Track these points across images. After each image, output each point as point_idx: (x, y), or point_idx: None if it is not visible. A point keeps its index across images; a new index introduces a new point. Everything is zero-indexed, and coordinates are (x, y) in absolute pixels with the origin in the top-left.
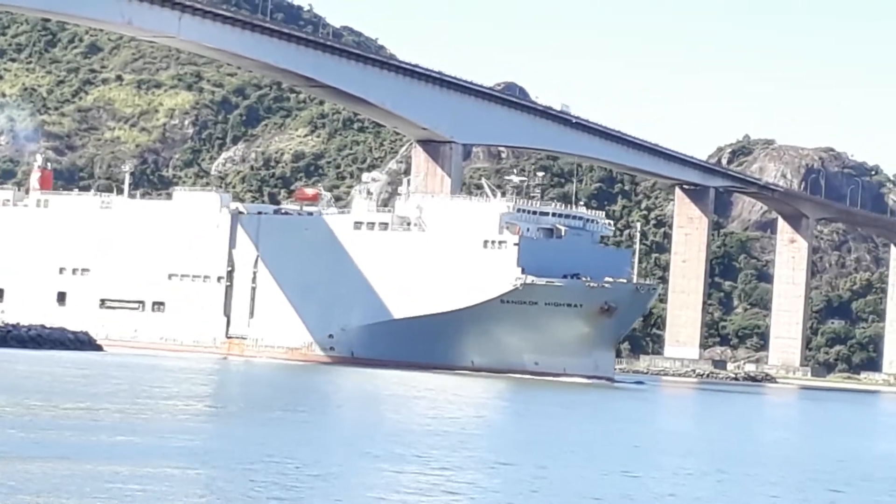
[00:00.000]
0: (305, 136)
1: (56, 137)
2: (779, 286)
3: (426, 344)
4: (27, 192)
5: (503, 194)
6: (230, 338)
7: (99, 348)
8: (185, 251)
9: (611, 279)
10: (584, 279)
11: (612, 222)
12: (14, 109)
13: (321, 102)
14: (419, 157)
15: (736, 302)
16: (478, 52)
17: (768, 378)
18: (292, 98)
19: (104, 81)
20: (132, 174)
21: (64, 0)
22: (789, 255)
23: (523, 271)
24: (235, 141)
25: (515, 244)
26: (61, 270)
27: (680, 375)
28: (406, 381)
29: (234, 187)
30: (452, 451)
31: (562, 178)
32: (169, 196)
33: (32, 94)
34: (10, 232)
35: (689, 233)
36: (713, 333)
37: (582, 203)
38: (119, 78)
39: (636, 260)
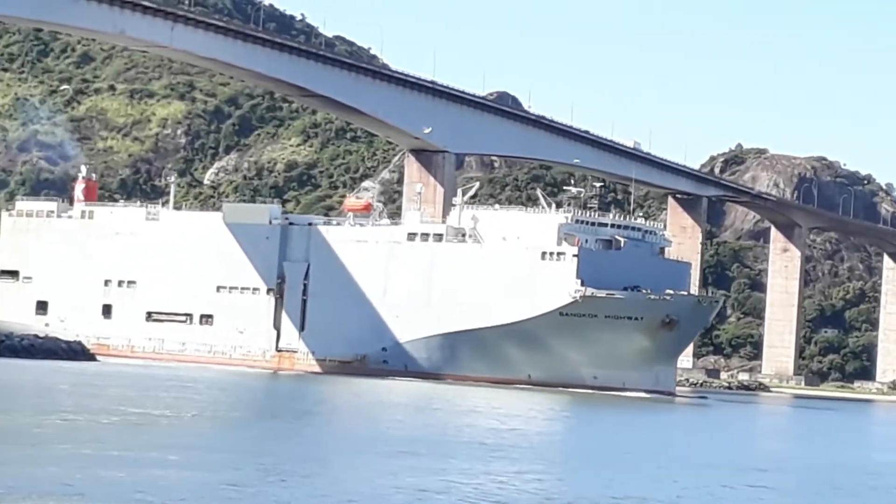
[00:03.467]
0: (298, 145)
1: (48, 147)
2: (772, 295)
3: (481, 357)
4: (71, 203)
5: (557, 206)
6: (280, 351)
7: (92, 358)
8: (234, 263)
9: (671, 291)
10: (644, 291)
11: (671, 234)
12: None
13: (314, 112)
14: (412, 166)
15: (729, 311)
16: (470, 62)
17: (762, 387)
18: (285, 108)
19: (97, 91)
20: (124, 182)
21: (56, 10)
22: (782, 265)
23: (582, 283)
24: (228, 150)
25: (574, 256)
26: (107, 283)
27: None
28: (463, 395)
29: (226, 197)
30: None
31: (554, 188)
32: (217, 208)
33: (24, 103)
34: (54, 244)
35: (682, 242)
36: (706, 342)
37: (641, 214)
38: (112, 88)
39: (698, 272)
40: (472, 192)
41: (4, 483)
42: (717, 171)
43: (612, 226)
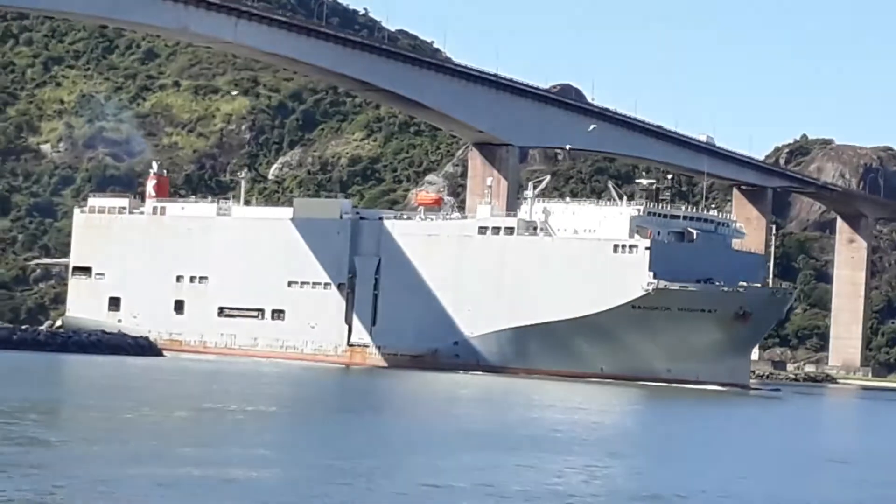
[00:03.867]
0: (362, 140)
1: (114, 143)
2: (838, 286)
3: (553, 351)
4: (143, 199)
5: (630, 198)
6: (352, 346)
7: (159, 353)
8: (305, 258)
9: (745, 283)
10: (717, 284)
11: (743, 225)
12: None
13: (377, 106)
14: (475, 160)
15: (795, 303)
16: (533, 55)
17: (829, 379)
18: (348, 102)
19: (161, 87)
20: (189, 178)
21: (121, 7)
22: (848, 255)
23: (655, 276)
24: (292, 146)
25: (647, 248)
26: (178, 279)
27: None
28: (536, 389)
29: (290, 192)
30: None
31: (618, 180)
32: (289, 203)
33: (90, 100)
34: (126, 240)
35: (748, 234)
36: (773, 334)
37: (713, 206)
38: (176, 84)
39: (771, 264)
40: (542, 186)
41: (94, 481)
42: (782, 162)
43: (685, 218)
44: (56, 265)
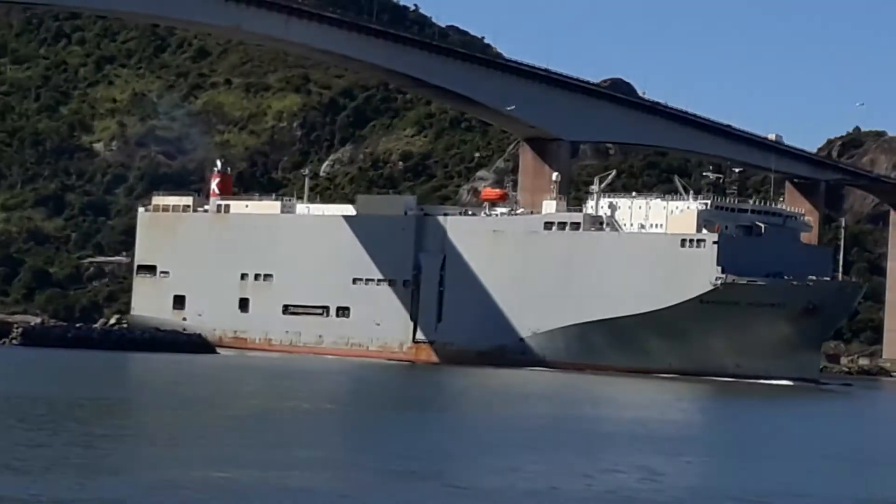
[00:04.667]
0: (413, 136)
1: (166, 142)
2: (892, 279)
3: (620, 347)
4: (207, 197)
5: (697, 192)
6: (417, 342)
7: (213, 350)
8: (370, 255)
9: (814, 278)
10: (786, 278)
11: (812, 219)
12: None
13: (428, 103)
14: (526, 155)
15: None
16: (583, 49)
17: (882, 372)
18: (399, 99)
19: (213, 85)
20: (241, 175)
21: (173, 5)
22: None
23: (723, 270)
24: (343, 142)
25: (715, 242)
26: (243, 276)
27: None
28: (604, 385)
29: (342, 189)
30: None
31: (670, 174)
32: (346, 200)
33: (142, 99)
34: (190, 238)
35: None
36: None
37: (781, 200)
38: (228, 82)
39: (840, 257)
40: (608, 181)
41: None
42: (834, 154)
43: (753, 211)
44: (109, 263)
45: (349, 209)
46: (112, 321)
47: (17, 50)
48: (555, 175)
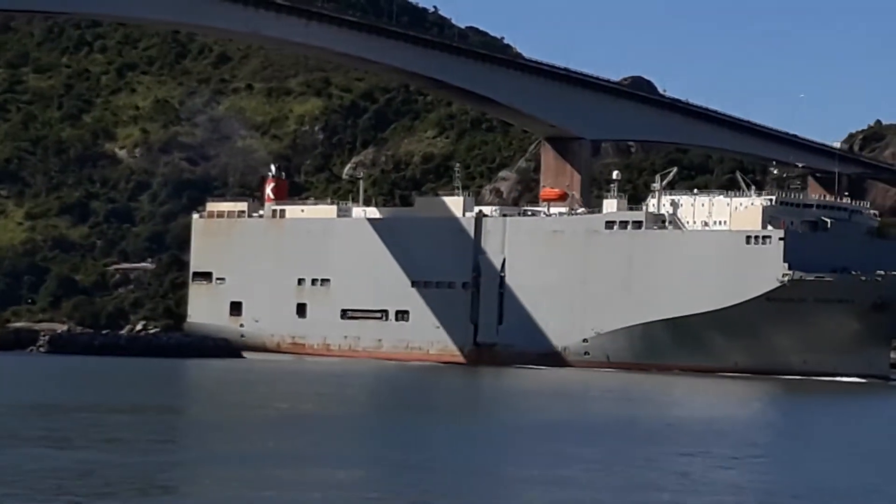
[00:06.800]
0: (434, 137)
1: (188, 148)
2: None
3: (685, 346)
4: (262, 202)
5: (758, 188)
6: (478, 345)
7: (238, 355)
8: (429, 258)
9: (882, 273)
10: (854, 273)
11: (877, 213)
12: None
13: (449, 104)
14: (548, 154)
15: None
16: (603, 47)
17: None
18: (420, 100)
19: (234, 91)
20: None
21: (192, 12)
22: None
23: (790, 267)
24: (365, 145)
25: (781, 239)
26: (300, 282)
27: None
28: (670, 385)
29: (365, 191)
30: None
31: (692, 171)
32: (410, 203)
33: (164, 105)
34: (246, 244)
35: None
36: None
37: (846, 194)
38: (249, 87)
39: None
40: (669, 178)
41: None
42: (856, 148)
43: (818, 206)
44: (134, 270)
45: (407, 211)
46: (138, 327)
47: (40, 59)
48: (615, 173)
